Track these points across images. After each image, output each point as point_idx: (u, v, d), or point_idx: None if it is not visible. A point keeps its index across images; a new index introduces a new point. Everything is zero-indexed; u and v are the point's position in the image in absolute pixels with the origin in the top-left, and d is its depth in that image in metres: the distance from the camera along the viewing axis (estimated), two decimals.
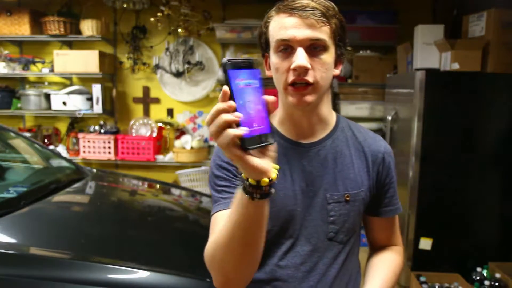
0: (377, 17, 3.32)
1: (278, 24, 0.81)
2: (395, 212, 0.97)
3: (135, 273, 1.36)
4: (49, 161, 2.45)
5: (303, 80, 0.78)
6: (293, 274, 0.88)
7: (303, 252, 0.88)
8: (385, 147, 0.95)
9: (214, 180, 0.88)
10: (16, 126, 3.69)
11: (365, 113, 3.41)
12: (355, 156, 0.91)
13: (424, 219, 2.59)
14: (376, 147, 0.94)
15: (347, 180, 0.89)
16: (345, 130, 0.94)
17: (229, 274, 0.78)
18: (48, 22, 3.33)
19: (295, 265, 0.88)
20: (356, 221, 0.92)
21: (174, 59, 3.52)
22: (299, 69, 0.77)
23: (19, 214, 1.66)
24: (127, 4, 3.31)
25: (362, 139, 0.93)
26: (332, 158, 0.89)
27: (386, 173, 0.94)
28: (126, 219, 1.91)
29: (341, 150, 0.90)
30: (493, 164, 2.55)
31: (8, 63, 3.46)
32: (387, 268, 0.96)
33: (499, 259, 2.53)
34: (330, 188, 0.88)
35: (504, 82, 2.49)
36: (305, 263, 0.88)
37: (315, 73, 0.79)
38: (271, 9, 0.85)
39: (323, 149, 0.89)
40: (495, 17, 2.44)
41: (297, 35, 0.77)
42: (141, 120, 3.64)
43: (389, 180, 0.95)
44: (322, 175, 0.88)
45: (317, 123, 0.89)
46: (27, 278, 1.30)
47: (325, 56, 0.80)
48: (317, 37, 0.78)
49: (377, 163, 0.93)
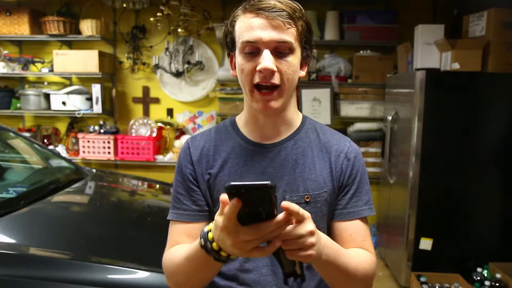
0: (377, 17, 3.32)
1: (244, 24, 0.79)
2: (354, 215, 0.87)
3: (135, 273, 1.35)
4: (48, 161, 2.44)
5: (268, 82, 0.78)
6: (256, 278, 0.86)
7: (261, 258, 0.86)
8: (350, 147, 0.91)
9: (175, 181, 0.92)
10: (15, 126, 3.68)
11: (365, 113, 3.41)
12: (318, 157, 0.89)
13: (424, 219, 2.59)
14: (339, 147, 0.90)
15: (308, 181, 0.86)
16: (309, 132, 0.92)
17: (182, 286, 0.85)
18: (48, 22, 3.33)
19: (257, 269, 0.87)
20: (319, 223, 0.86)
21: (173, 59, 3.51)
22: (265, 71, 0.76)
23: (18, 214, 1.65)
24: (126, 4, 3.30)
25: (326, 140, 0.91)
26: (293, 159, 0.87)
27: (349, 173, 0.89)
28: (126, 219, 1.91)
29: (302, 151, 0.88)
30: (493, 164, 2.55)
31: (8, 63, 3.46)
32: (355, 252, 0.85)
33: (500, 259, 2.53)
34: (290, 189, 0.86)
35: (504, 82, 2.49)
36: (267, 266, 0.86)
37: (281, 75, 0.78)
38: (237, 8, 0.84)
39: (284, 150, 0.88)
40: (495, 17, 2.44)
41: (263, 36, 0.76)
42: (141, 120, 3.64)
43: (352, 180, 0.89)
44: (282, 176, 0.86)
45: (281, 125, 0.89)
46: (27, 278, 1.29)
47: (291, 58, 0.79)
48: (284, 39, 0.77)
49: (339, 163, 0.89)
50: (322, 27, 3.38)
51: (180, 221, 0.88)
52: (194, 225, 0.87)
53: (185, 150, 0.93)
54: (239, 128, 0.92)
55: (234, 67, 0.87)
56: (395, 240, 2.87)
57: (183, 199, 0.89)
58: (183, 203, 0.88)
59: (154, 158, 3.49)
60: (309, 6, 3.14)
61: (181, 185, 0.90)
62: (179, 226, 0.88)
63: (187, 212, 0.88)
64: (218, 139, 0.91)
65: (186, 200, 0.88)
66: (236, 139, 0.90)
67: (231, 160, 0.88)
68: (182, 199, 0.89)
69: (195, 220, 0.88)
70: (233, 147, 0.89)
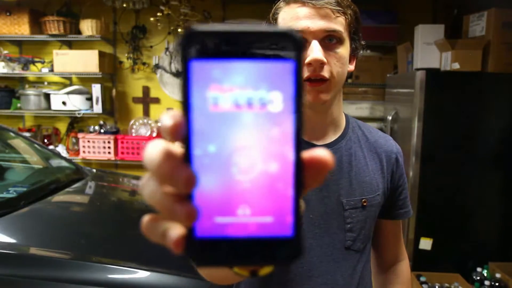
0: (377, 17, 3.31)
1: (288, 15, 0.73)
2: (408, 214, 0.92)
3: (135, 273, 1.36)
4: (48, 161, 2.45)
5: (318, 75, 0.72)
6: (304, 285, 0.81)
7: (319, 263, 0.80)
8: (397, 147, 0.90)
9: None
10: (15, 126, 3.68)
11: (365, 113, 3.41)
12: (369, 158, 0.85)
13: (424, 219, 2.59)
14: (388, 147, 0.88)
15: (363, 184, 0.82)
16: (356, 130, 0.88)
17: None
18: (48, 22, 3.33)
19: (307, 276, 0.79)
20: (372, 227, 0.87)
21: (174, 59, 3.51)
22: (315, 63, 0.70)
23: (19, 214, 1.66)
24: (126, 4, 3.30)
25: (373, 140, 0.88)
26: (347, 161, 0.83)
27: (399, 174, 0.89)
28: (126, 219, 1.91)
29: (354, 152, 0.84)
30: (493, 164, 2.55)
31: (8, 63, 3.46)
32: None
33: (499, 259, 2.53)
34: (346, 193, 0.81)
35: (505, 82, 2.49)
36: (321, 276, 0.80)
37: (331, 68, 0.73)
38: (278, 1, 0.77)
39: (338, 151, 0.82)
40: (496, 17, 2.44)
41: (311, 26, 0.70)
42: (141, 120, 3.64)
43: (403, 181, 0.90)
44: (338, 179, 0.81)
45: (329, 124, 0.83)
46: (27, 278, 1.29)
47: (341, 50, 0.74)
48: (333, 29, 0.71)
49: (390, 164, 0.87)
50: None
51: None
52: None
53: None
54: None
55: None
56: None
57: None
58: None
59: None
60: None
61: None
62: None
63: None
64: None
65: None
66: None
67: None
68: None
69: None
70: None
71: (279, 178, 0.25)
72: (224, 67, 0.24)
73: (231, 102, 0.24)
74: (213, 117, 0.24)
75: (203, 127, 0.24)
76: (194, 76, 0.24)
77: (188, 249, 0.25)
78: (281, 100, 0.24)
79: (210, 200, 0.25)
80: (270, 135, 0.24)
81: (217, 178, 0.25)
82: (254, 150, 0.25)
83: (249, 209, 0.25)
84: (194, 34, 0.24)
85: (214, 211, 0.25)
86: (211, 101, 0.24)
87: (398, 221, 0.94)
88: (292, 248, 0.25)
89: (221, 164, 0.24)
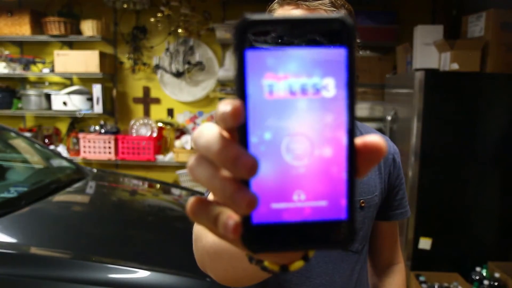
0: (377, 17, 3.32)
1: None
2: (405, 215, 0.92)
3: (135, 273, 1.36)
4: (49, 161, 2.46)
5: None
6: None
7: (316, 264, 0.80)
8: (394, 148, 0.91)
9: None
10: (16, 126, 3.69)
11: (365, 113, 3.41)
12: None
13: (424, 219, 2.59)
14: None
15: (361, 185, 0.82)
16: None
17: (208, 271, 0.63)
18: (49, 23, 3.34)
19: (305, 277, 0.80)
20: (370, 228, 0.87)
21: (174, 59, 3.52)
22: None
23: (19, 214, 1.66)
24: (127, 5, 3.31)
25: None
26: None
27: (396, 174, 0.89)
28: (127, 219, 1.92)
29: None
30: (493, 164, 2.56)
31: (9, 63, 3.47)
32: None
33: (499, 258, 2.53)
34: None
35: (504, 82, 2.50)
36: (319, 277, 0.80)
37: None
38: (271, 3, 0.77)
39: None
40: (494, 18, 2.45)
41: None
42: (141, 120, 3.65)
43: (399, 181, 0.90)
44: None
45: None
46: (28, 278, 1.30)
47: None
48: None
49: (388, 165, 0.88)
50: None
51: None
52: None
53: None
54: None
55: None
56: None
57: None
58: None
59: (154, 158, 3.50)
60: None
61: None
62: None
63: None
64: None
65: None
66: None
67: None
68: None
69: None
70: None
71: (333, 163, 0.25)
72: (278, 55, 0.24)
73: (286, 90, 0.25)
74: (269, 105, 0.25)
75: (259, 115, 0.25)
76: (249, 65, 0.24)
77: (245, 235, 0.25)
78: (334, 86, 0.25)
79: (266, 186, 0.25)
80: (324, 120, 0.25)
81: (273, 165, 0.25)
82: (308, 136, 0.25)
83: (304, 194, 0.25)
84: (248, 24, 0.25)
85: (270, 197, 0.25)
86: (266, 89, 0.25)
87: (395, 222, 0.93)
88: (346, 231, 0.26)
89: (276, 151, 0.25)
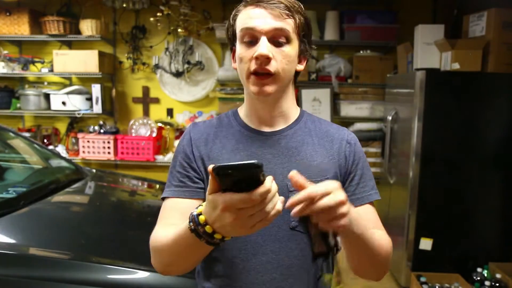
0: (377, 17, 3.32)
1: (244, 16, 0.83)
2: (364, 200, 0.89)
3: (135, 273, 1.35)
4: (48, 161, 2.44)
5: (264, 69, 0.80)
6: (249, 265, 0.85)
7: (263, 242, 0.85)
8: (350, 135, 0.94)
9: (176, 164, 0.91)
10: (15, 126, 3.68)
11: (365, 113, 3.41)
12: (319, 145, 0.90)
13: (425, 219, 2.59)
14: (340, 135, 0.93)
15: (310, 168, 0.86)
16: (308, 122, 0.94)
17: (168, 267, 0.83)
18: (48, 22, 3.33)
19: (252, 254, 0.85)
20: None
21: (173, 59, 3.51)
22: (261, 58, 0.79)
23: (18, 214, 1.65)
24: (126, 4, 3.30)
25: (325, 130, 0.94)
26: (293, 146, 0.89)
27: (352, 160, 0.91)
28: (126, 219, 1.91)
29: (302, 140, 0.90)
30: (493, 164, 2.55)
31: (8, 63, 3.46)
32: (375, 230, 0.87)
33: (500, 259, 2.53)
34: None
35: (504, 82, 2.49)
36: (265, 255, 0.84)
37: (277, 64, 0.81)
38: (239, 5, 0.87)
39: (284, 138, 0.89)
40: (496, 17, 2.44)
41: (261, 23, 0.80)
42: (141, 120, 3.64)
43: (355, 167, 0.91)
44: (282, 162, 0.87)
45: (278, 116, 0.90)
46: (27, 279, 1.29)
47: (288, 49, 0.82)
48: (281, 27, 0.80)
49: (342, 150, 0.91)
50: (322, 27, 3.38)
51: (175, 197, 0.87)
52: (189, 203, 0.86)
53: (186, 132, 0.94)
54: (240, 117, 0.94)
55: (235, 60, 0.88)
56: (395, 240, 2.87)
57: (181, 176, 0.88)
58: (180, 181, 0.88)
59: (154, 158, 3.49)
60: (309, 6, 3.12)
61: (180, 164, 0.90)
62: (174, 203, 0.87)
63: (184, 188, 0.88)
64: (219, 126, 0.93)
65: (183, 178, 0.88)
66: (237, 127, 0.92)
67: (230, 145, 0.89)
68: (180, 176, 0.89)
69: (193, 197, 0.87)
70: (233, 133, 0.91)
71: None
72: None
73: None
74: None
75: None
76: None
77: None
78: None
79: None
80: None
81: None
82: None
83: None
84: (218, 167, 0.42)
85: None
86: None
87: (365, 206, 0.89)
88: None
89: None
